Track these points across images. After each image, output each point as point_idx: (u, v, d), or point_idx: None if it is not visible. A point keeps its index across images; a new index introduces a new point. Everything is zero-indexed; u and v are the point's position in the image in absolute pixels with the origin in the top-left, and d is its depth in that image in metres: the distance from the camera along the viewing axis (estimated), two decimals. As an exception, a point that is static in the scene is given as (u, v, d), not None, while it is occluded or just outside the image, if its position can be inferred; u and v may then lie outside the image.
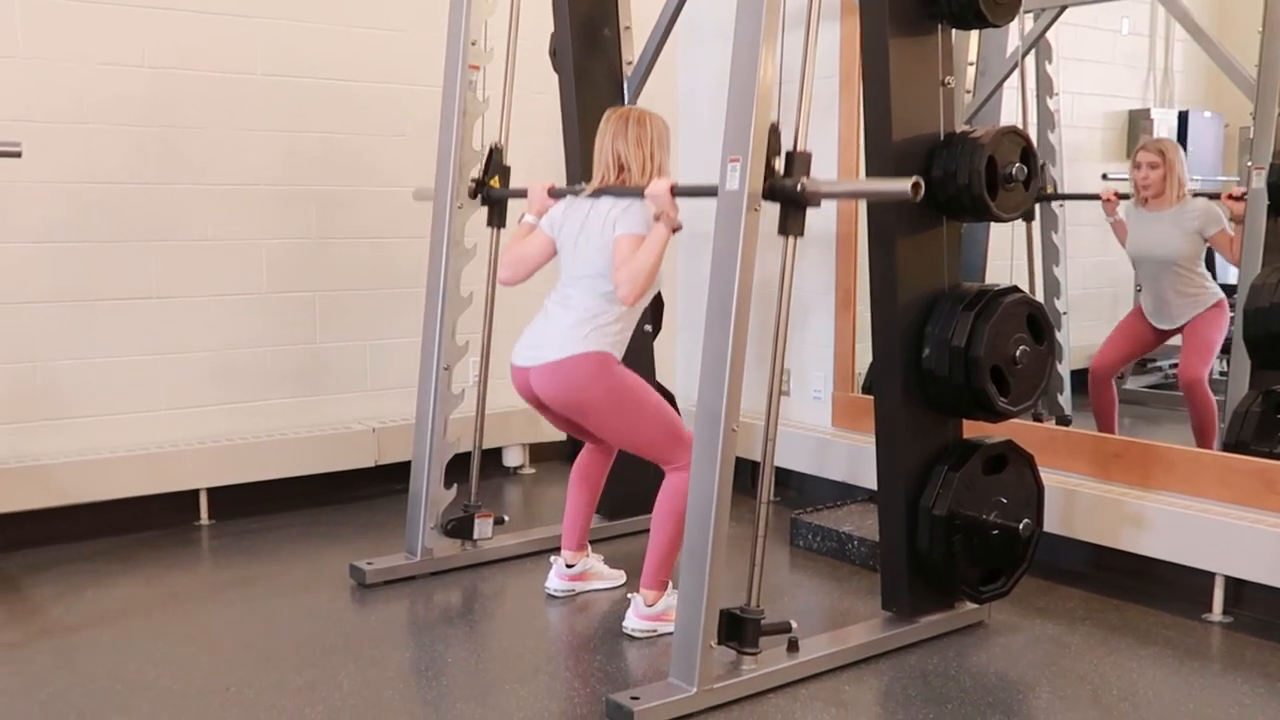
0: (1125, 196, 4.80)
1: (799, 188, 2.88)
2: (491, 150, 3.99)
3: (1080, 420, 5.08)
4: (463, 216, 3.93)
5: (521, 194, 3.70)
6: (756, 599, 3.05)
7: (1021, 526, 3.30)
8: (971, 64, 5.13)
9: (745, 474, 5.09)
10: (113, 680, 3.10)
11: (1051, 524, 3.79)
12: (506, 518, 4.17)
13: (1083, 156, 5.81)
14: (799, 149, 2.92)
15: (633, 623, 3.42)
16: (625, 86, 4.25)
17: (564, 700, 3.02)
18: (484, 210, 4.02)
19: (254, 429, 4.68)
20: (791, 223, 2.95)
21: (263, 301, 4.69)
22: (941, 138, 3.24)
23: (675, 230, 3.25)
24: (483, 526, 4.03)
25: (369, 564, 3.88)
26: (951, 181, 3.17)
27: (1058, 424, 5.11)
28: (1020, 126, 3.30)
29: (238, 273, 4.62)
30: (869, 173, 3.29)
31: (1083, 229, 5.32)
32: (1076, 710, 2.95)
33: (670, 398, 4.66)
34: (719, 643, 2.97)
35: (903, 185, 2.75)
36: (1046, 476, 3.81)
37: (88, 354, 4.33)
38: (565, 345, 3.31)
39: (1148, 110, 5.66)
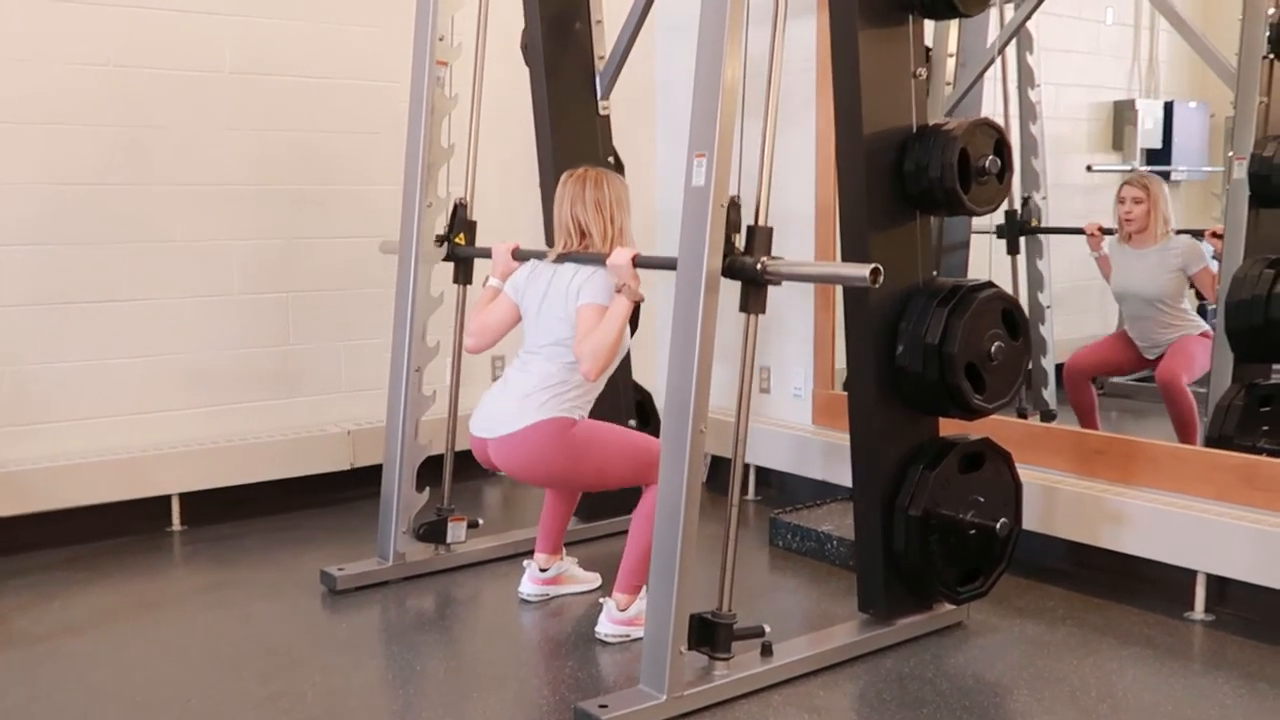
0: (1110, 231, 4.76)
1: (759, 266, 2.82)
2: (456, 206, 3.95)
3: (1065, 415, 5.02)
4: (431, 216, 3.87)
5: (486, 253, 3.66)
6: (728, 603, 2.99)
7: (999, 525, 3.25)
8: (951, 55, 5.07)
9: (725, 473, 5.08)
10: (76, 692, 3.04)
11: (1032, 522, 3.74)
12: (481, 521, 4.10)
13: (1068, 149, 5.75)
14: (760, 223, 2.87)
15: (605, 628, 3.36)
16: (598, 81, 4.18)
17: (533, 709, 2.96)
18: (450, 266, 4.00)
19: (227, 432, 4.62)
20: (753, 301, 2.90)
21: (235, 303, 4.62)
22: (914, 130, 3.18)
23: (637, 302, 3.20)
24: (456, 530, 3.97)
25: (340, 569, 3.81)
26: (924, 175, 3.11)
27: (1042, 419, 5.06)
28: (993, 118, 3.23)
29: (209, 274, 4.55)
30: (839, 168, 3.23)
31: (1068, 222, 5.27)
32: (1054, 713, 2.90)
33: (648, 398, 4.62)
34: (690, 648, 2.92)
35: (861, 271, 2.70)
36: (1027, 473, 3.76)
37: (56, 358, 4.26)
38: (520, 416, 3.26)
39: (1133, 101, 5.61)
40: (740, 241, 2.86)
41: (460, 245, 3.93)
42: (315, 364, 4.82)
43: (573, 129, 4.14)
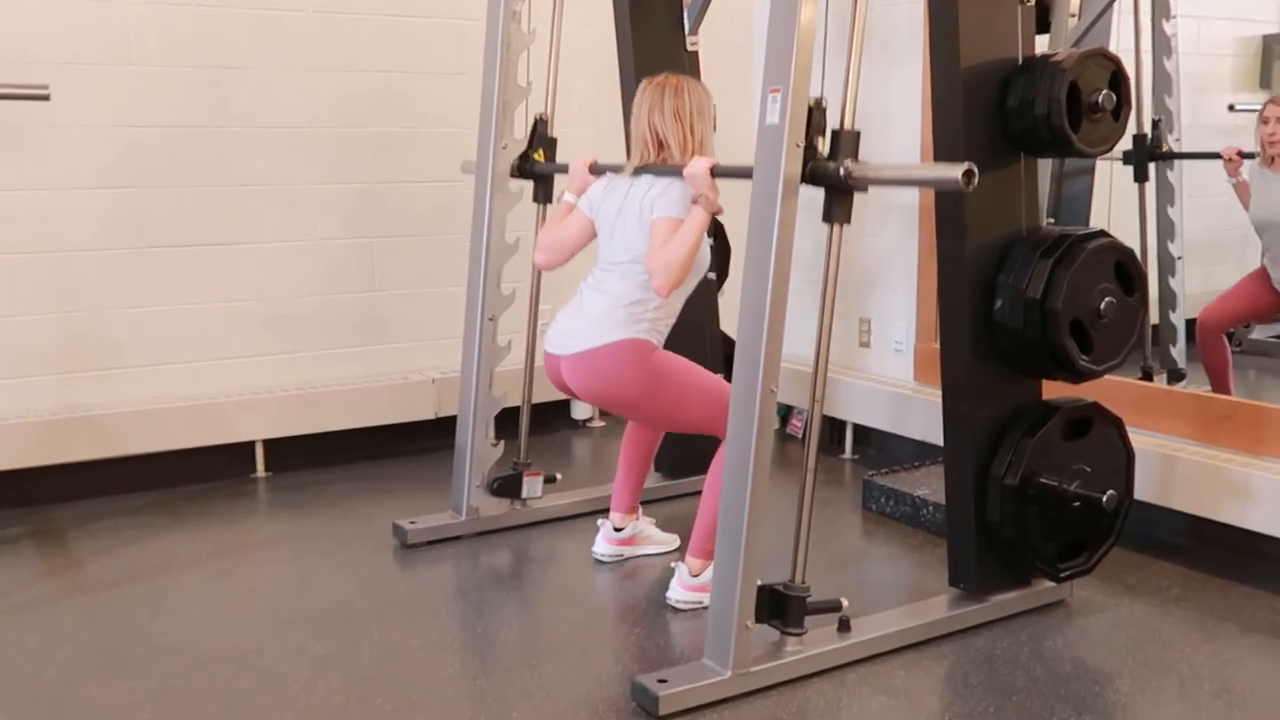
0: (1250, 155, 4.34)
1: (842, 172, 2.58)
2: (536, 122, 3.78)
3: (1195, 374, 4.67)
4: (506, 158, 3.70)
5: (565, 170, 3.48)
6: (802, 574, 2.79)
7: (1105, 498, 2.97)
8: (1077, -15, 4.69)
9: (825, 429, 4.86)
10: (133, 642, 3.00)
11: (1147, 492, 3.45)
12: (559, 476, 3.96)
13: (1209, 87, 5.34)
14: (846, 127, 2.62)
15: (676, 593, 3.19)
16: (686, 15, 3.94)
17: (592, 680, 2.81)
18: (530, 186, 3.84)
19: (310, 379, 4.56)
20: (837, 209, 2.66)
21: (318, 247, 4.54)
22: (1019, 63, 2.88)
23: (715, 214, 2.99)
24: (532, 485, 3.84)
25: (412, 523, 3.72)
26: (1028, 111, 2.82)
27: (1170, 379, 4.71)
28: (1114, 51, 2.92)
29: (291, 218, 4.48)
30: (934, 102, 2.95)
31: (1208, 168, 4.88)
32: (1160, 708, 2.64)
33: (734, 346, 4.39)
34: (759, 621, 2.73)
35: (954, 172, 2.43)
36: (1144, 440, 3.49)
37: (139, 303, 4.23)
38: (598, 333, 3.09)
39: (1285, 33, 5.17)
40: (824, 146, 2.62)
41: (539, 162, 3.76)
42: (399, 311, 4.72)
43: (657, 65, 3.89)
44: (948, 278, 2.99)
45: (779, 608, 2.76)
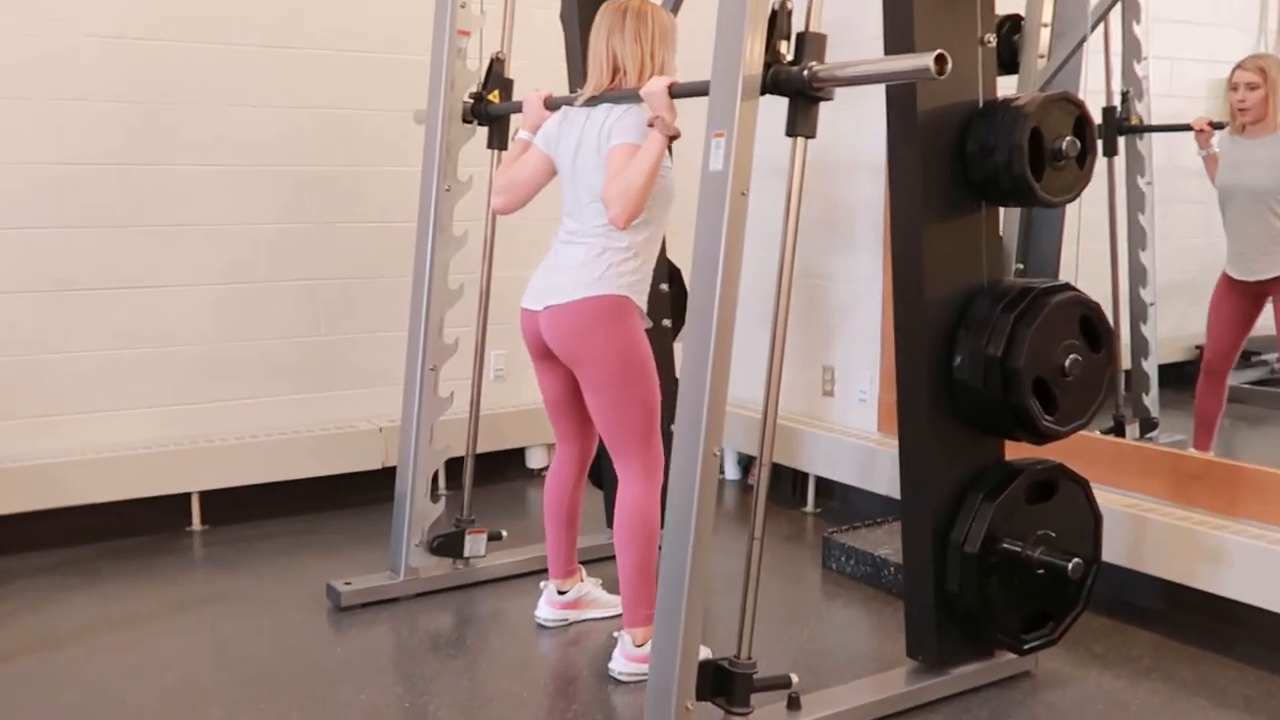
0: (1221, 125, 4.22)
1: (806, 74, 2.40)
2: (492, 61, 3.59)
3: (1169, 422, 4.53)
4: (451, 200, 3.54)
5: (520, 109, 3.29)
6: (748, 648, 2.60)
7: (1070, 566, 2.80)
8: (1046, 25, 4.57)
9: (785, 481, 4.68)
10: (46, 711, 2.80)
11: (1118, 555, 3.30)
12: (505, 533, 3.77)
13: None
14: (810, 29, 2.44)
15: (619, 665, 3.01)
16: None
17: (522, 761, 2.62)
18: (484, 133, 3.64)
19: (251, 428, 4.36)
20: (801, 120, 2.46)
21: (261, 290, 4.36)
22: (980, 106, 2.74)
23: (673, 138, 2.78)
24: (474, 543, 3.65)
25: (347, 584, 3.53)
26: (989, 158, 2.67)
27: (1143, 428, 4.56)
28: (1073, 94, 2.78)
29: (233, 259, 4.30)
30: (889, 148, 2.80)
31: (1175, 206, 4.75)
32: (1128, 795, 2.46)
33: (678, 273, 4.15)
34: (703, 699, 2.55)
35: (924, 61, 2.22)
36: (1114, 499, 3.34)
37: (68, 348, 4.04)
38: (577, 286, 2.91)
39: (1260, 77, 5.04)
40: (788, 50, 2.45)
41: (494, 103, 3.56)
42: (347, 356, 4.54)
43: None
44: (905, 331, 2.83)
45: (723, 685, 2.58)
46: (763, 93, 2.42)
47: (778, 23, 2.43)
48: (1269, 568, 3.01)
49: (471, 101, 3.55)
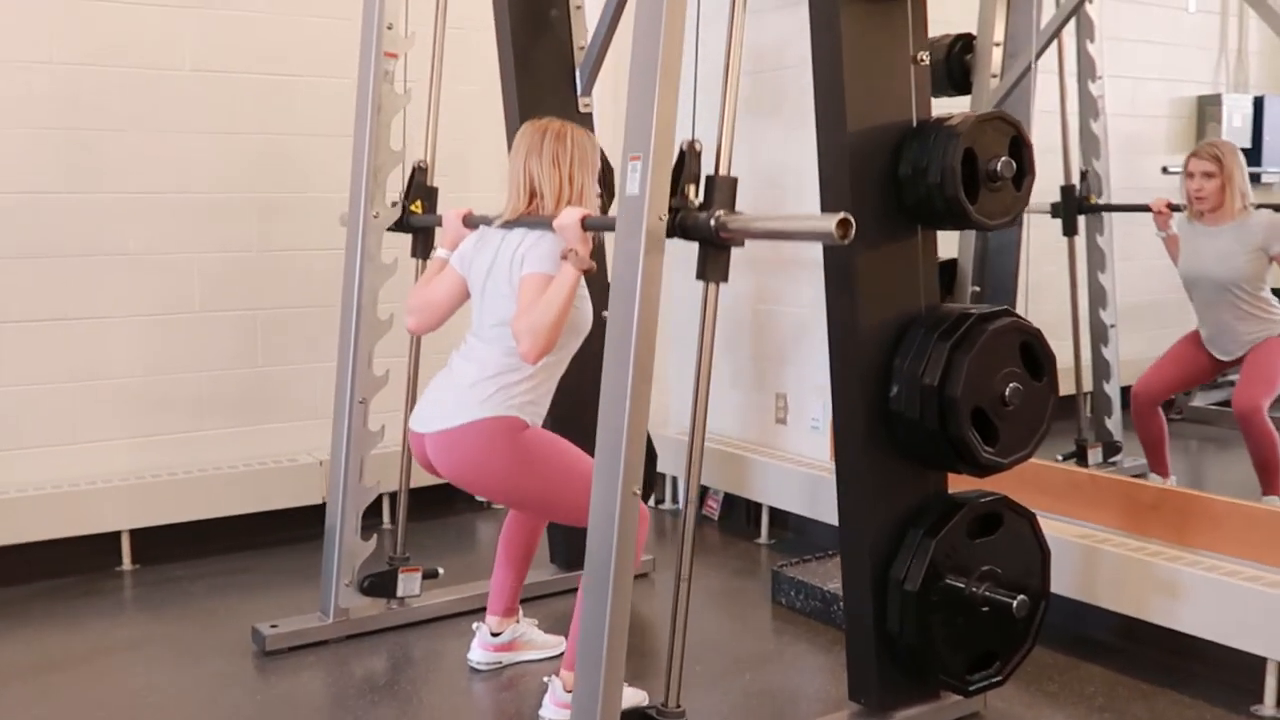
0: (1179, 208, 4.14)
1: (713, 223, 2.31)
2: (414, 170, 3.51)
3: (1132, 446, 4.42)
4: (378, 227, 3.43)
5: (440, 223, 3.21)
6: (676, 695, 2.48)
7: (1016, 604, 2.68)
8: (998, 44, 4.49)
9: (740, 511, 4.57)
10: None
11: (1072, 587, 3.20)
12: (441, 570, 3.62)
13: (1144, 149, 5.16)
14: (721, 172, 2.36)
15: (549, 712, 2.87)
16: (577, 76, 3.69)
17: (439, 818, 2.48)
18: (409, 238, 3.56)
19: (185, 463, 4.22)
20: (711, 267, 2.38)
21: (196, 321, 4.23)
22: (913, 126, 2.64)
23: (586, 271, 2.69)
24: (408, 582, 3.51)
25: (273, 627, 3.39)
26: (922, 180, 2.57)
27: (1105, 452, 4.46)
28: (1005, 113, 2.67)
29: (166, 290, 4.17)
30: (820, 170, 2.69)
31: (1138, 227, 4.67)
32: (1073, 847, 2.34)
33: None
34: (629, 750, 2.42)
35: (827, 224, 2.16)
36: (1067, 529, 3.25)
37: (-9, 382, 3.91)
38: (460, 410, 2.78)
39: (1219, 96, 5.00)
40: (697, 195, 2.36)
41: (416, 214, 3.47)
42: (285, 388, 4.41)
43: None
44: (840, 360, 2.73)
45: (649, 735, 2.45)
46: (669, 235, 2.33)
47: (686, 164, 2.34)
48: (1225, 601, 2.90)
49: (395, 207, 3.47)
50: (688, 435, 2.42)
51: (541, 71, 3.64)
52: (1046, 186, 4.23)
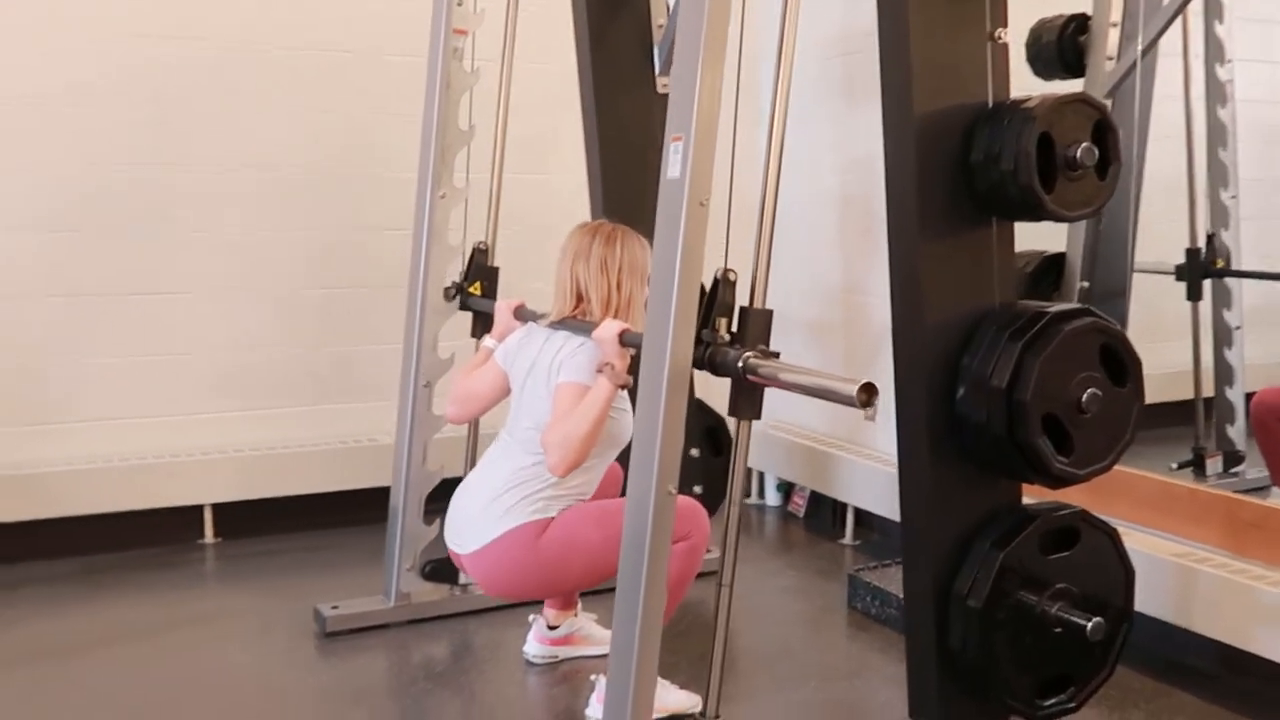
0: None
1: (741, 364, 2.17)
2: (474, 251, 3.46)
3: (1256, 457, 4.12)
4: (445, 207, 3.37)
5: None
6: (715, 705, 2.36)
7: (1090, 626, 2.48)
8: (1115, 25, 4.21)
9: (825, 509, 4.40)
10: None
11: (1165, 610, 2.96)
12: (506, 558, 3.57)
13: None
14: (756, 304, 2.21)
15: (595, 711, 2.78)
16: (656, 54, 3.57)
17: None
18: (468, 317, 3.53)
19: (267, 440, 4.25)
20: (743, 404, 2.23)
21: (278, 299, 4.26)
22: (988, 108, 2.45)
23: (622, 386, 2.61)
24: (470, 569, 3.46)
25: (334, 608, 3.37)
26: (994, 167, 2.38)
27: (1226, 463, 4.16)
28: (1089, 95, 2.47)
29: (250, 267, 4.20)
30: (886, 156, 2.52)
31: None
32: None
33: (721, 424, 3.98)
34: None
35: (849, 389, 2.05)
36: (1162, 544, 3.02)
37: (80, 355, 3.99)
38: (485, 526, 2.75)
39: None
40: (728, 327, 2.22)
41: (474, 296, 3.43)
42: (365, 368, 4.40)
43: (624, 112, 3.55)
44: (904, 358, 2.56)
45: (685, 745, 2.34)
46: (697, 367, 2.22)
47: (720, 294, 2.20)
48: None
49: (453, 287, 3.43)
50: (783, 431, 2.29)
51: (619, 50, 3.54)
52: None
